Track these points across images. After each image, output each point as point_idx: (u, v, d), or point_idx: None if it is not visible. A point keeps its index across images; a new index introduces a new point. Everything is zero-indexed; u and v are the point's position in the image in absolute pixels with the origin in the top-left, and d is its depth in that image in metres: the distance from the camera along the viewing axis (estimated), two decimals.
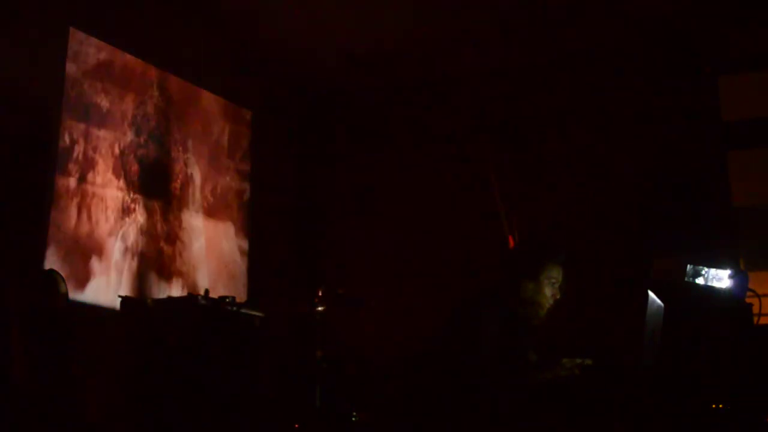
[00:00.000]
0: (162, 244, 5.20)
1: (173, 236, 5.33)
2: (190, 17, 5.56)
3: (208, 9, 5.53)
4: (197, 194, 5.60)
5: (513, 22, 5.69)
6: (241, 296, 5.80)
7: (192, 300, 4.53)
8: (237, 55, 6.09)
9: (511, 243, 4.48)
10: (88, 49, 4.73)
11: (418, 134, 6.55)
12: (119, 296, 4.67)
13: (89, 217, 4.65)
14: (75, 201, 4.57)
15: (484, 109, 6.32)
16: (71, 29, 4.62)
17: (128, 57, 5.06)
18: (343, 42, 5.97)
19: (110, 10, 4.91)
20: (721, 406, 2.66)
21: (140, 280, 4.96)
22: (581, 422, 2.87)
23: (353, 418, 4.17)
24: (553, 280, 3.22)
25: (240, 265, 5.95)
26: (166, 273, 5.21)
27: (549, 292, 3.22)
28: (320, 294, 4.14)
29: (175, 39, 5.44)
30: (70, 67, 4.60)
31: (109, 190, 4.81)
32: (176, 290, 5.23)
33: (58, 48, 4.55)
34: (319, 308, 4.13)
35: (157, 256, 5.14)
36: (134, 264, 4.94)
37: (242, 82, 6.16)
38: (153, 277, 5.06)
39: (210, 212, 5.70)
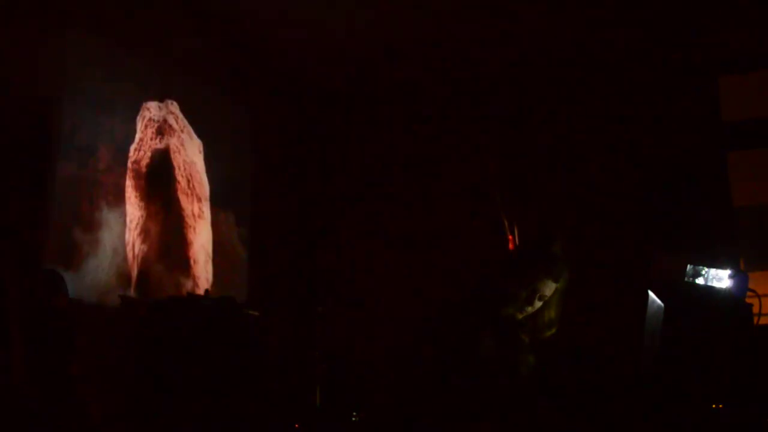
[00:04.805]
0: (163, 231, 5.18)
1: (174, 224, 5.31)
2: (189, 17, 5.56)
3: (208, 9, 5.54)
4: (198, 182, 5.59)
5: (514, 22, 5.69)
6: (242, 286, 5.82)
7: (192, 300, 4.54)
8: (237, 54, 6.09)
9: (511, 245, 4.47)
10: (87, 45, 4.73)
11: (418, 134, 6.55)
12: (119, 296, 4.67)
13: (90, 205, 4.65)
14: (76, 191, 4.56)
15: (486, 109, 6.32)
16: (70, 28, 4.62)
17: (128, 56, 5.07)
18: (344, 42, 5.97)
19: (111, 7, 4.91)
20: (721, 406, 2.66)
21: (140, 268, 4.94)
22: (582, 422, 2.87)
23: (353, 418, 4.17)
24: (533, 288, 3.18)
25: (241, 253, 5.94)
26: (167, 260, 5.20)
27: (525, 295, 3.18)
28: (320, 294, 4.14)
29: (176, 39, 5.44)
30: (72, 56, 4.59)
31: (110, 178, 4.79)
32: (177, 278, 5.23)
33: (59, 42, 4.54)
34: (319, 308, 4.13)
35: (158, 243, 5.12)
36: (135, 251, 4.92)
37: (242, 82, 6.16)
38: (153, 266, 5.04)
39: (212, 200, 5.69)
